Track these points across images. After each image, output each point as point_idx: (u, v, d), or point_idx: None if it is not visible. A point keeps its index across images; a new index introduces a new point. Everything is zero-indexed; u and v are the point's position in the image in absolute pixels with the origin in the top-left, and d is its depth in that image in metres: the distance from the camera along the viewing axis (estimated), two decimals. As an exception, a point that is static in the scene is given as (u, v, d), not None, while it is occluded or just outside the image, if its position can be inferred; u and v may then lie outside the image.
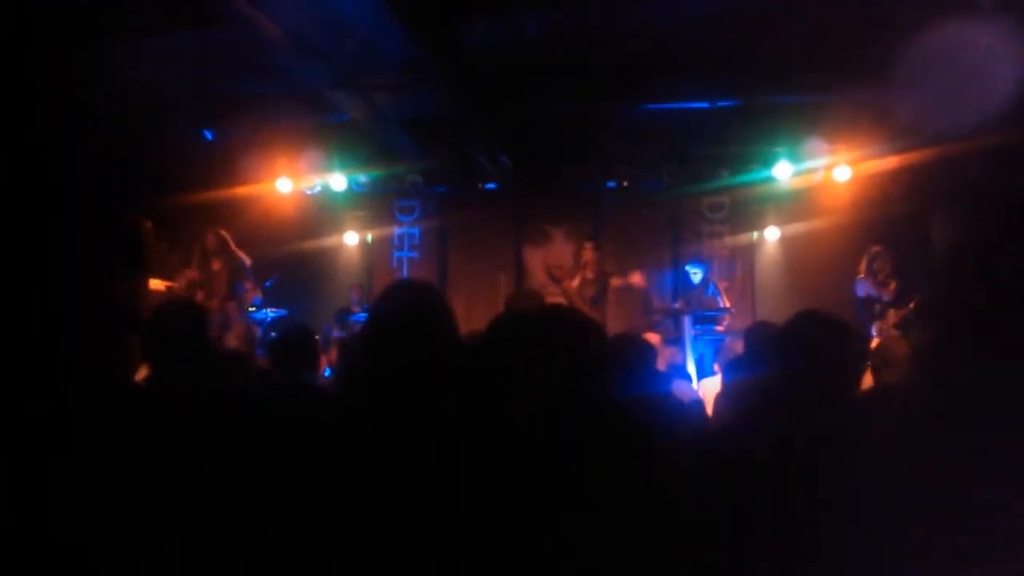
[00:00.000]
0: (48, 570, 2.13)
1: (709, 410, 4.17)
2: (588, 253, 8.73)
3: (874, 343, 5.58)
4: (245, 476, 2.15)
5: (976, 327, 1.56)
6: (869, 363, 3.57)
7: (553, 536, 1.94)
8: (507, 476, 2.00)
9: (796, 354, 2.43)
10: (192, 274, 8.39)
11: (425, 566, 1.87)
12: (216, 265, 8.39)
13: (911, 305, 7.89)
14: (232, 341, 7.76)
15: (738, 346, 6.57)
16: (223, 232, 8.44)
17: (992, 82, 6.56)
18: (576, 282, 8.52)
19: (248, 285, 8.50)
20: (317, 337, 4.68)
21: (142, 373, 3.11)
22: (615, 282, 8.66)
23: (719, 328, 9.27)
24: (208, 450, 2.34)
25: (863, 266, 8.48)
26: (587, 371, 2.61)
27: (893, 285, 8.25)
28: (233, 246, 8.45)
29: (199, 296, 8.10)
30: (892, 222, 9.51)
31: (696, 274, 9.64)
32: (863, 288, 8.39)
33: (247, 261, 8.53)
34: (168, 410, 2.57)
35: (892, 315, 8.03)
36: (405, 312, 2.25)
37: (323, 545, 1.92)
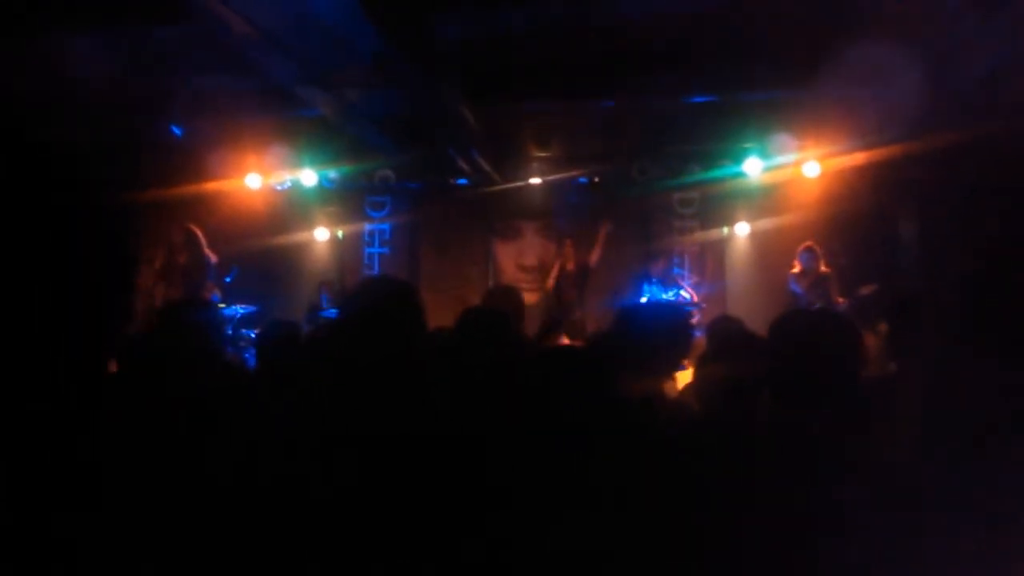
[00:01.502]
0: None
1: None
2: (569, 249, 9.05)
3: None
4: (225, 471, 2.14)
5: (961, 322, 1.58)
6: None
7: (532, 530, 1.95)
8: (484, 472, 2.01)
9: (783, 350, 2.44)
10: (157, 267, 8.32)
11: (401, 561, 1.88)
12: (181, 259, 8.32)
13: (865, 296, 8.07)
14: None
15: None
16: (192, 228, 8.37)
17: (957, 79, 6.64)
18: (554, 273, 8.90)
19: (208, 284, 8.43)
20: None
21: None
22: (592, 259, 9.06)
23: (693, 322, 9.31)
24: (191, 448, 2.33)
25: (796, 263, 8.65)
26: (563, 366, 2.62)
27: (828, 278, 8.42)
28: (201, 242, 8.37)
29: (160, 289, 8.04)
30: (860, 217, 9.59)
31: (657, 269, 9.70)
32: (799, 283, 8.55)
33: (212, 259, 8.46)
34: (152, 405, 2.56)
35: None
36: (378, 307, 2.25)
37: (296, 543, 1.91)
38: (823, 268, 8.56)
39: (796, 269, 8.69)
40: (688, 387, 4.09)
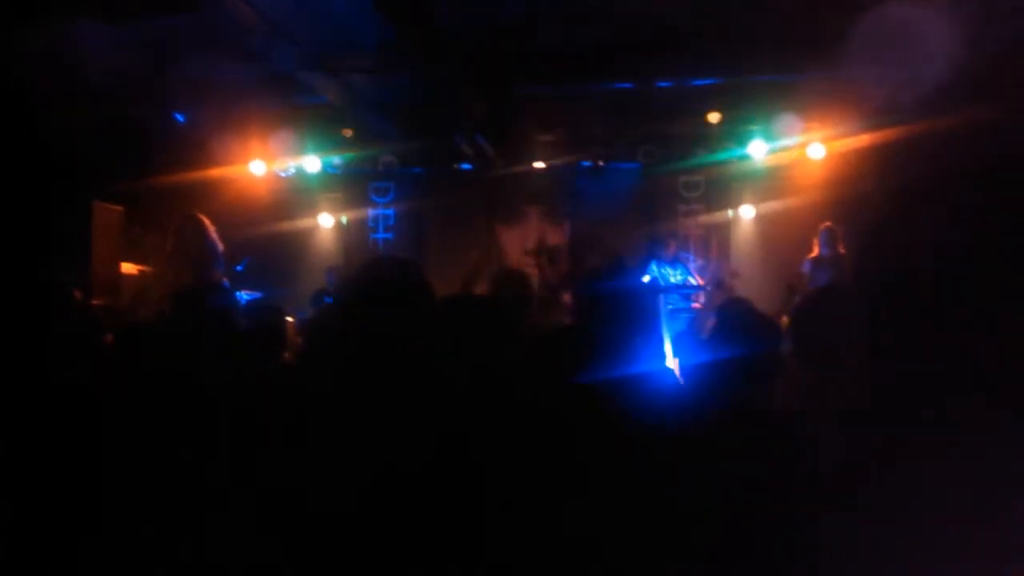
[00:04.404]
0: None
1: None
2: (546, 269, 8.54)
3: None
4: (221, 465, 2.15)
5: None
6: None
7: (539, 516, 1.95)
8: (493, 457, 2.02)
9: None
10: (165, 254, 8.31)
11: (414, 548, 1.89)
12: (191, 248, 8.29)
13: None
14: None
15: (711, 323, 6.55)
16: (199, 216, 8.35)
17: (960, 59, 6.61)
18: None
19: (217, 271, 8.40)
20: (291, 319, 4.66)
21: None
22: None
23: (695, 305, 9.31)
24: (182, 441, 2.34)
25: (815, 245, 8.50)
26: (566, 352, 2.63)
27: (846, 260, 8.24)
28: (207, 229, 8.35)
29: (169, 277, 8.03)
30: (865, 199, 9.56)
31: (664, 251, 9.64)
32: (816, 265, 8.42)
33: (220, 247, 8.44)
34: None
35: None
36: (383, 287, 2.26)
37: (306, 531, 1.92)
38: (841, 250, 8.35)
39: (814, 252, 8.52)
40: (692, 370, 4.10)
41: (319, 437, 2.04)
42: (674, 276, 9.34)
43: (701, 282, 9.61)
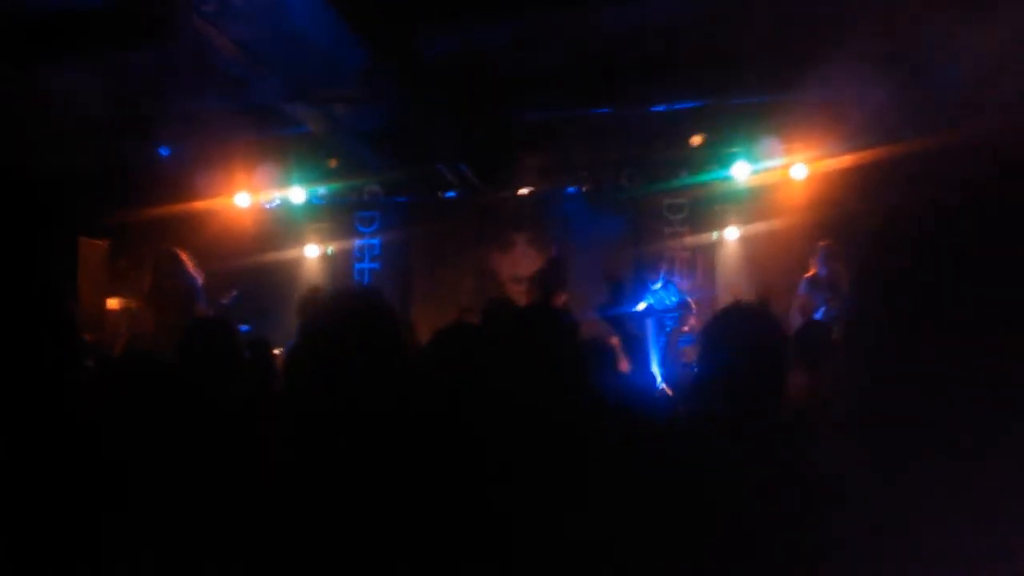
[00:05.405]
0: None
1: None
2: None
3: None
4: (195, 482, 2.15)
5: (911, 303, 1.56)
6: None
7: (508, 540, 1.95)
8: (467, 482, 2.01)
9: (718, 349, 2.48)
10: (145, 290, 8.27)
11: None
12: (169, 284, 8.23)
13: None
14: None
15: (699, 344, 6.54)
16: (176, 250, 8.31)
17: (944, 79, 6.67)
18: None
19: (197, 306, 8.34)
20: (278, 351, 4.67)
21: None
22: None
23: (684, 328, 9.32)
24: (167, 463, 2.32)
25: (814, 263, 8.41)
26: (551, 375, 2.62)
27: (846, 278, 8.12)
28: (187, 264, 8.30)
29: (149, 312, 7.99)
30: (849, 220, 9.61)
31: (655, 274, 9.67)
32: (810, 286, 8.32)
33: (199, 280, 8.38)
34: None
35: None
36: (345, 320, 2.26)
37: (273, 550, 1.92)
38: (840, 268, 8.10)
39: (811, 272, 8.36)
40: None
41: (306, 466, 2.03)
42: (667, 299, 9.37)
43: (692, 304, 9.63)
